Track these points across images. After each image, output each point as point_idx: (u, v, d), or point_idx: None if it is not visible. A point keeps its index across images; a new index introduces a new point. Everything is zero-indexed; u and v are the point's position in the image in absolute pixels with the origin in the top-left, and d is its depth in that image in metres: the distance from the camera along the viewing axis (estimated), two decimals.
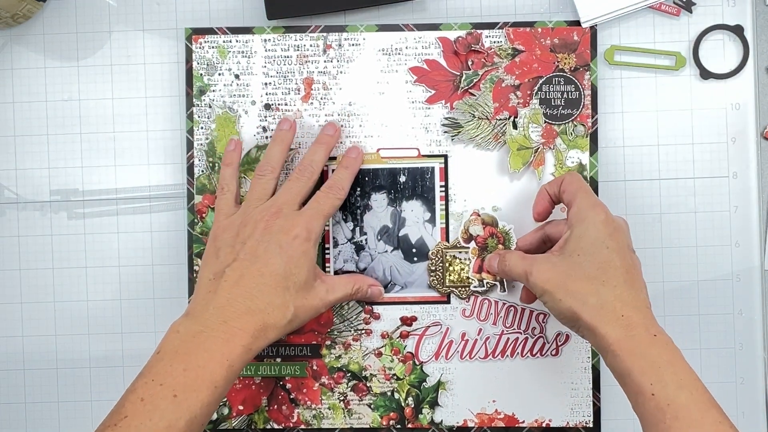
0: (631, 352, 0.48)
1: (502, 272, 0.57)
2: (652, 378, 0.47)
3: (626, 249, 0.52)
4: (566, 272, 0.51)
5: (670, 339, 0.49)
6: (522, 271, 0.54)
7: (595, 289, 0.50)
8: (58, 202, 0.64)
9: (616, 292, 0.50)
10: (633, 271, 0.51)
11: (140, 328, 0.63)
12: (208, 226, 0.62)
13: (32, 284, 0.64)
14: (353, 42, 0.62)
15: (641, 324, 0.49)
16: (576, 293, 0.50)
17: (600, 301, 0.50)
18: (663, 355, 0.48)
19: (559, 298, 0.51)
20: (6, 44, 0.64)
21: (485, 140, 0.61)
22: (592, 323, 0.49)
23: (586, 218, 0.52)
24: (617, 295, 0.50)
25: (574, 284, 0.51)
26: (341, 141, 0.62)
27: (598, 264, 0.51)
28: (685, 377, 0.47)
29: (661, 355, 0.48)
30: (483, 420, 0.62)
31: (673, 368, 0.47)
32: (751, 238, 0.62)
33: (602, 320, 0.49)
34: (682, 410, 0.46)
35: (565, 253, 0.52)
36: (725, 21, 0.62)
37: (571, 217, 0.53)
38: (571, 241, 0.52)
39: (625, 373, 0.48)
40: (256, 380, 0.62)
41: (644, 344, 0.48)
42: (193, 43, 0.62)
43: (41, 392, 0.64)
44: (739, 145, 0.62)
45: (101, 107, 0.63)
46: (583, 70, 0.61)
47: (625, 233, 0.53)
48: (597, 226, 0.51)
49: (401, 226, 0.62)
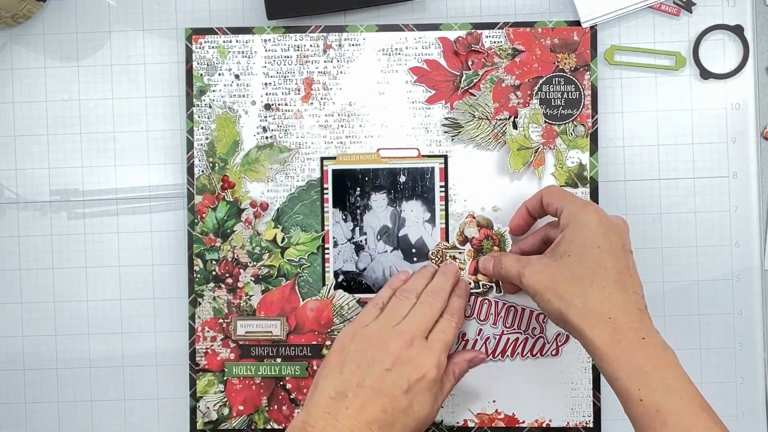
0: (617, 356, 0.47)
1: (498, 274, 0.57)
2: (640, 383, 0.46)
3: (620, 249, 0.51)
4: (555, 273, 0.51)
5: (661, 342, 0.48)
6: (516, 273, 0.54)
7: (582, 290, 0.50)
8: (58, 202, 0.64)
9: (604, 294, 0.49)
10: (626, 272, 0.51)
11: (140, 328, 0.63)
12: (208, 226, 0.62)
13: (32, 284, 0.64)
14: (353, 42, 0.62)
15: (629, 327, 0.48)
16: (563, 294, 0.50)
17: (586, 302, 0.49)
18: (651, 360, 0.47)
19: (548, 298, 0.51)
20: (6, 44, 0.64)
21: (485, 140, 0.61)
22: (578, 325, 0.49)
23: (577, 219, 0.52)
24: (606, 296, 0.49)
25: (562, 285, 0.51)
26: (342, 141, 0.62)
27: (589, 264, 0.50)
28: (674, 381, 0.46)
29: (649, 359, 0.47)
30: (483, 420, 0.62)
31: (660, 373, 0.47)
32: (751, 238, 0.62)
33: (588, 322, 0.49)
34: (671, 416, 0.45)
35: (556, 255, 0.52)
36: (725, 21, 0.62)
37: (562, 221, 0.53)
38: (562, 242, 0.52)
39: (613, 377, 0.48)
40: (257, 380, 0.62)
41: (631, 348, 0.47)
42: (193, 43, 0.62)
43: (41, 392, 0.64)
44: (739, 145, 0.62)
45: (101, 107, 0.63)
46: (583, 70, 0.61)
47: (620, 233, 0.52)
48: (589, 226, 0.51)
49: (401, 226, 0.62)
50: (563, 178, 0.61)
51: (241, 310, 0.62)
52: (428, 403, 0.52)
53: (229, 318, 0.62)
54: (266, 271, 0.62)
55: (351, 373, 0.52)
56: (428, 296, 0.56)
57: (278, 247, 0.62)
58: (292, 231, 0.62)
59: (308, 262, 0.62)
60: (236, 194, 0.62)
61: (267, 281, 0.62)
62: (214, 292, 0.62)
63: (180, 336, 0.63)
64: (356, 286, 0.62)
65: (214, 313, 0.62)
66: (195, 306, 0.62)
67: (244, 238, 0.62)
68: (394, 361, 0.52)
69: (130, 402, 0.63)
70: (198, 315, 0.62)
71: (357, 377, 0.52)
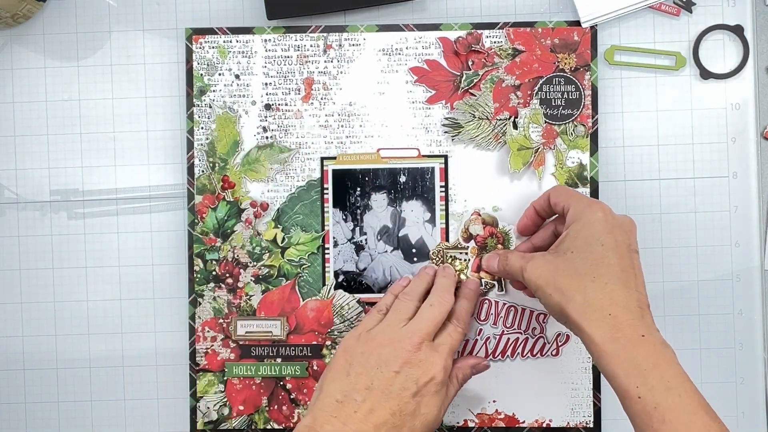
0: (616, 354, 0.47)
1: (503, 271, 0.57)
2: (638, 381, 0.46)
3: (625, 248, 0.51)
4: (558, 268, 0.51)
5: (660, 340, 0.48)
6: (518, 268, 0.54)
7: (582, 285, 0.50)
8: (58, 202, 0.63)
9: (606, 290, 0.49)
10: (630, 270, 0.51)
11: (140, 328, 0.63)
12: (208, 226, 0.62)
13: (32, 284, 0.64)
14: (353, 42, 0.62)
15: (629, 324, 0.48)
16: (563, 289, 0.50)
17: (587, 298, 0.49)
18: (650, 357, 0.47)
19: (549, 293, 0.51)
20: (6, 44, 0.64)
21: (485, 140, 0.61)
22: (577, 321, 0.49)
23: (582, 217, 0.52)
24: (607, 293, 0.49)
25: (563, 280, 0.51)
26: (342, 141, 0.62)
27: (591, 261, 0.50)
28: (673, 380, 0.46)
29: (648, 357, 0.47)
30: (483, 420, 0.62)
31: (659, 371, 0.47)
32: (751, 238, 0.62)
33: (588, 318, 0.49)
34: (669, 413, 0.45)
35: (559, 251, 0.52)
36: (725, 21, 0.62)
37: (568, 218, 0.53)
38: (566, 239, 0.52)
39: (612, 374, 0.48)
40: (257, 380, 0.62)
41: (630, 345, 0.47)
42: (193, 43, 0.62)
43: (41, 392, 0.64)
44: (739, 145, 0.62)
45: (101, 107, 0.63)
46: (584, 70, 0.61)
47: (626, 232, 0.52)
48: (593, 223, 0.51)
49: (401, 226, 0.62)
50: (563, 178, 0.61)
51: (241, 310, 0.62)
52: (435, 406, 0.52)
53: (229, 318, 0.62)
54: (266, 271, 0.62)
55: (358, 375, 0.52)
56: (435, 298, 0.56)
57: (278, 247, 0.62)
58: (293, 231, 0.62)
59: (308, 262, 0.62)
60: (236, 194, 0.62)
61: (267, 281, 0.62)
62: (214, 292, 0.62)
63: (180, 336, 0.63)
64: (356, 286, 0.62)
65: (215, 313, 0.62)
66: (195, 306, 0.62)
67: (245, 238, 0.62)
68: (403, 363, 0.52)
69: (130, 402, 0.63)
70: (198, 315, 0.62)
71: (365, 380, 0.52)
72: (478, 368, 0.59)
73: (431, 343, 0.54)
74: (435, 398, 0.52)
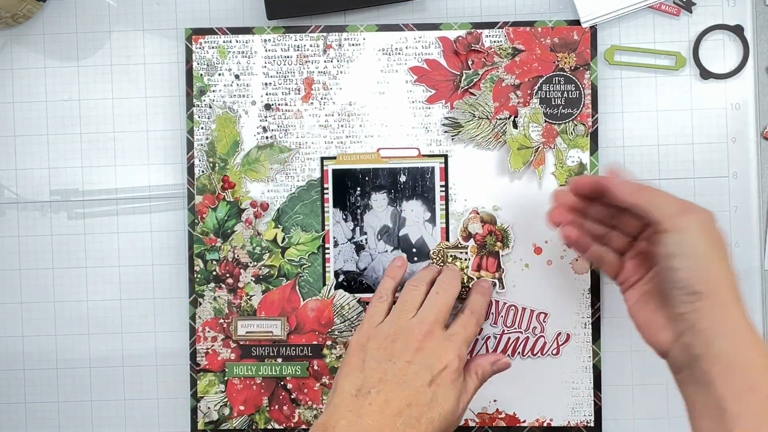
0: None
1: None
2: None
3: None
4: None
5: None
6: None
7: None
8: (58, 202, 0.63)
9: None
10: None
11: (140, 328, 0.63)
12: (208, 226, 0.62)
13: (32, 284, 0.64)
14: (353, 42, 0.62)
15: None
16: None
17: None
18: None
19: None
20: (6, 44, 0.64)
21: (485, 140, 0.61)
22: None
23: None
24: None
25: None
26: (342, 141, 0.62)
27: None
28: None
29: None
30: (484, 419, 0.62)
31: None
32: (751, 238, 0.62)
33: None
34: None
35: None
36: (725, 21, 0.62)
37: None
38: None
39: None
40: (257, 380, 0.62)
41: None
42: (193, 43, 0.62)
43: (41, 392, 0.64)
44: (739, 145, 0.62)
45: (101, 107, 0.63)
46: (583, 69, 0.61)
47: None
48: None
49: (401, 225, 0.62)
50: (563, 178, 0.61)
51: (241, 310, 0.62)
52: (452, 396, 0.52)
53: (229, 318, 0.62)
54: (267, 271, 0.62)
55: (372, 369, 0.52)
56: (440, 285, 0.56)
57: (279, 247, 0.62)
58: (293, 231, 0.62)
59: (308, 262, 0.62)
60: (236, 194, 0.62)
61: (267, 281, 0.62)
62: (214, 292, 0.62)
63: (180, 336, 0.63)
64: (357, 285, 0.62)
65: (215, 313, 0.62)
66: (195, 306, 0.62)
67: (245, 238, 0.62)
68: (415, 352, 0.52)
69: (130, 402, 0.63)
70: (198, 315, 0.62)
71: (379, 372, 0.51)
72: (498, 365, 0.58)
73: (444, 332, 0.53)
74: (451, 388, 0.52)
